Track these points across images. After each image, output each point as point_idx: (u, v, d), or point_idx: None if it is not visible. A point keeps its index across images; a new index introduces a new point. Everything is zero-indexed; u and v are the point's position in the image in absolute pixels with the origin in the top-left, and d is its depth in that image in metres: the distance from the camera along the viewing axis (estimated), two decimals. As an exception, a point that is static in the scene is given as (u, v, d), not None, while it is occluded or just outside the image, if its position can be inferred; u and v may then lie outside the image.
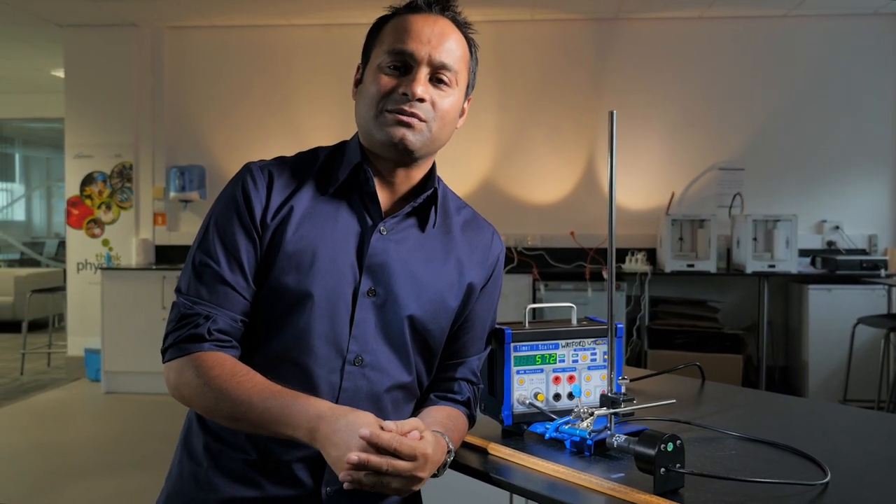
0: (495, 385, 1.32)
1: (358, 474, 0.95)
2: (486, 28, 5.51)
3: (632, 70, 5.52)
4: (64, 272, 7.01)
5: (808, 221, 5.39)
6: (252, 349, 1.15)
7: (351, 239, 1.16)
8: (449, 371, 1.26)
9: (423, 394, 1.25)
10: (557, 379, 1.33)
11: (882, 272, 4.88)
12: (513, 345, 1.30)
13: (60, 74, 6.39)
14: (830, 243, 5.38)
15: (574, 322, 1.37)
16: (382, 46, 1.16)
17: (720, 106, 5.48)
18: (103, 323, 5.31)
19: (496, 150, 5.62)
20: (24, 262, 10.31)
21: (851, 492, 1.03)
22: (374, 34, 1.20)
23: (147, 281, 5.32)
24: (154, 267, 5.48)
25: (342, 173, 1.18)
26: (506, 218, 5.53)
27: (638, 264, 5.18)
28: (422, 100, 1.13)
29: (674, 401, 1.38)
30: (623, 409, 1.14)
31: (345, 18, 5.48)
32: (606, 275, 1.16)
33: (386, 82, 1.14)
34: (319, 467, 1.12)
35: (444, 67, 1.15)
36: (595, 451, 1.19)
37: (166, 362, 1.12)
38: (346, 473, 0.96)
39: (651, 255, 5.38)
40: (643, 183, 5.50)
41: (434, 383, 1.26)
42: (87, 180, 5.85)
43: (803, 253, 5.22)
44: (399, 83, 1.13)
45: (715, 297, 5.40)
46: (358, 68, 1.23)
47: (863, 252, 5.31)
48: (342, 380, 1.13)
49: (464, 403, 1.25)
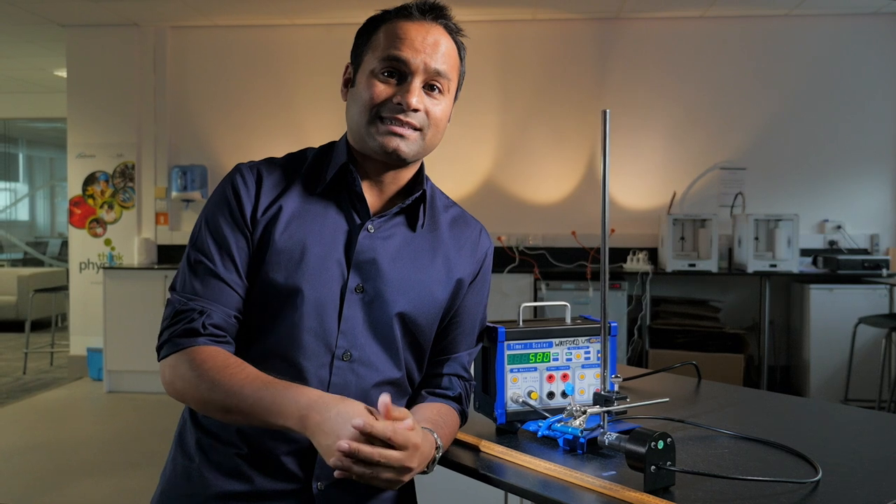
0: (489, 383, 1.33)
1: (347, 461, 0.95)
2: (488, 28, 5.54)
3: (633, 69, 5.52)
4: (67, 272, 7.03)
5: (810, 221, 5.38)
6: (245, 346, 1.16)
7: (339, 237, 1.18)
8: (439, 367, 1.27)
9: (415, 391, 1.26)
10: (551, 377, 1.33)
11: (884, 272, 4.87)
12: (506, 343, 1.30)
13: (63, 74, 6.41)
14: (832, 243, 5.37)
15: (568, 321, 1.38)
16: (376, 52, 1.17)
17: (722, 105, 5.47)
18: (105, 322, 5.33)
19: (498, 150, 5.63)
20: (28, 262, 10.35)
21: (842, 490, 1.03)
22: (366, 36, 1.22)
23: (149, 280, 5.34)
24: (156, 266, 5.50)
25: (329, 174, 1.20)
26: (507, 217, 5.54)
27: (639, 264, 5.18)
28: (416, 110, 1.14)
29: (667, 399, 1.39)
30: (616, 407, 1.15)
31: (347, 18, 5.49)
32: (602, 272, 1.17)
33: (380, 90, 1.15)
34: (310, 461, 1.14)
35: (438, 75, 1.17)
36: (588, 449, 1.19)
37: (162, 359, 1.13)
38: (337, 460, 0.96)
39: (652, 255, 5.38)
40: (644, 182, 5.50)
41: (425, 380, 1.28)
42: (90, 180, 5.87)
43: (805, 253, 5.22)
44: (394, 92, 1.15)
45: (716, 297, 5.40)
46: (347, 67, 1.25)
47: (864, 252, 5.30)
48: (331, 375, 1.15)
49: (455, 399, 1.26)
